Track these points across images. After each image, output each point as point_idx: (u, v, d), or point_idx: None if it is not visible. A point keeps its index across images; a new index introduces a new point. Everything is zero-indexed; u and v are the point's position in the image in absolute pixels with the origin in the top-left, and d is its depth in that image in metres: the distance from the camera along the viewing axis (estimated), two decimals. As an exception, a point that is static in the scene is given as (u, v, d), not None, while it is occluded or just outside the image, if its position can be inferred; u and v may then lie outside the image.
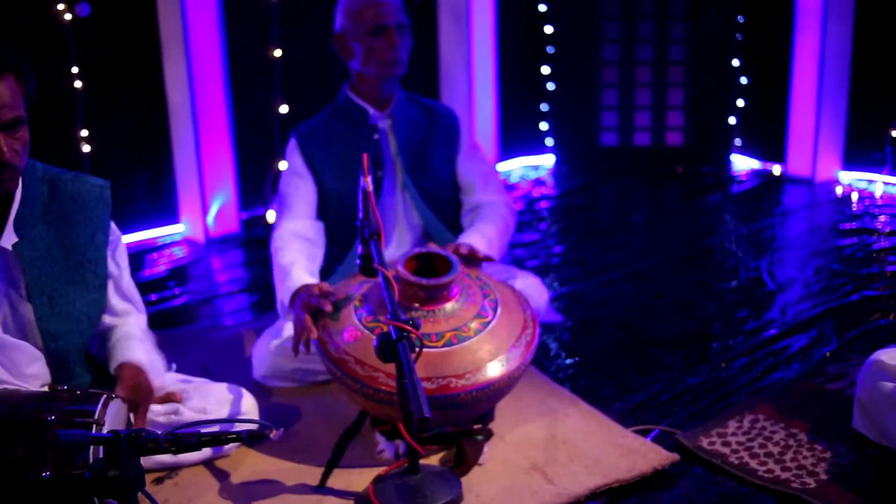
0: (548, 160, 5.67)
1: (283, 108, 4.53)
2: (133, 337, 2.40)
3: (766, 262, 4.03)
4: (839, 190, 4.99)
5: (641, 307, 3.61)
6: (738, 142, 5.48)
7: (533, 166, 5.63)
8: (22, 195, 2.19)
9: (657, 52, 5.43)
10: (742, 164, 5.48)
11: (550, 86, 5.56)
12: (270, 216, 4.48)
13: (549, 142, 5.66)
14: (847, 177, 5.10)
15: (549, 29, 5.48)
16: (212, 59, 4.32)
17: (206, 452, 2.44)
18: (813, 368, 3.01)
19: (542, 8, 5.47)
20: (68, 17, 3.97)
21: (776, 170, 5.30)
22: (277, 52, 4.50)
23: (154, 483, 2.39)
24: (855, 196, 4.88)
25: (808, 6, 4.95)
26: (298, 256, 2.82)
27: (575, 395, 2.84)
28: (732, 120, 5.44)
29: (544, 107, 5.63)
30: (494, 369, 2.42)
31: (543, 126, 5.66)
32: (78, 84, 4.05)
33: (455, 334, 2.44)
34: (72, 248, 2.29)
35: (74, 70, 4.04)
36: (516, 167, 5.59)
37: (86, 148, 4.11)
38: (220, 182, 4.47)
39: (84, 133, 4.10)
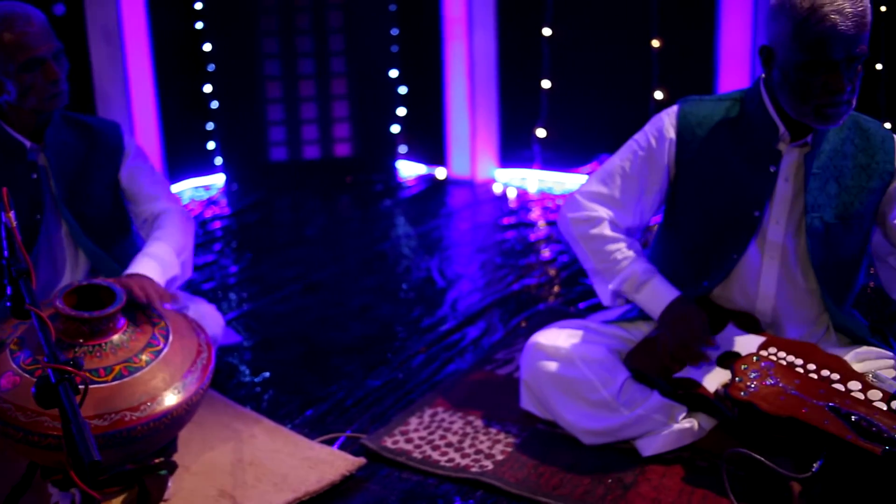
0: (218, 179, 5.58)
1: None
2: None
3: (435, 261, 4.23)
4: (497, 188, 5.33)
5: (321, 318, 3.65)
6: (403, 149, 5.70)
7: (203, 187, 5.52)
8: None
9: (319, 66, 5.52)
10: (409, 169, 5.71)
11: (214, 104, 5.47)
12: None
13: (218, 161, 5.57)
14: (503, 175, 5.46)
15: (207, 47, 5.39)
16: None
17: None
18: (484, 357, 3.21)
19: (199, 25, 5.37)
20: None
21: (440, 173, 5.57)
22: None
23: None
24: (512, 192, 5.25)
25: (453, 18, 5.25)
26: None
27: (259, 415, 2.82)
28: (396, 128, 5.64)
29: (210, 126, 5.53)
30: (171, 398, 2.34)
31: (211, 145, 5.56)
32: None
33: (125, 367, 2.34)
34: None
35: None
36: (186, 189, 5.45)
37: None
38: None
39: None
